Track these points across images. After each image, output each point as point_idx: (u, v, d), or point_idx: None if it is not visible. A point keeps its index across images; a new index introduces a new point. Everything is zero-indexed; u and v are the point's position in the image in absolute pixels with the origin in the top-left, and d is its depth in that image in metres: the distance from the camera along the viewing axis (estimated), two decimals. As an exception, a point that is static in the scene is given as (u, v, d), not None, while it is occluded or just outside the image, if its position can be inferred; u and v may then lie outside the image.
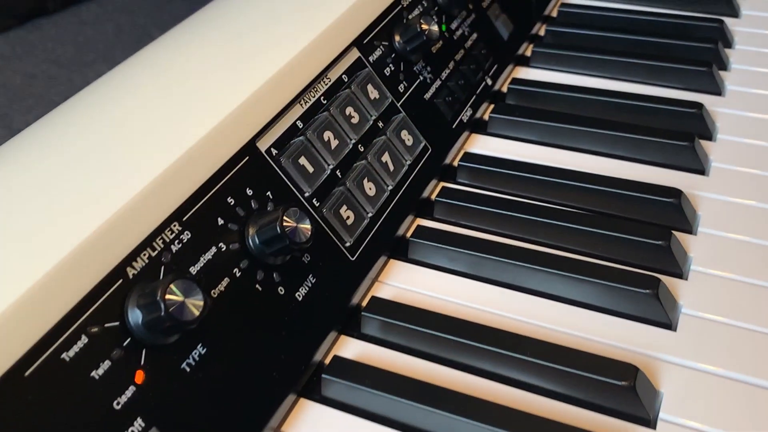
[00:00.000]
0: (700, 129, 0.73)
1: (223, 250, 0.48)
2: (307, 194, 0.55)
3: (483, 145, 0.74)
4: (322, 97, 0.60)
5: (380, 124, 0.64)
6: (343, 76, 0.62)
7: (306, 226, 0.49)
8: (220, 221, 0.49)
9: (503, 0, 0.84)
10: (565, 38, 0.88)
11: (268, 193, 0.52)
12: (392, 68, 0.67)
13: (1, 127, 1.19)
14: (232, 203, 0.50)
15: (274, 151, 0.54)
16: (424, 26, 0.67)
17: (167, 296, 0.42)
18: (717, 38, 0.85)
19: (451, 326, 0.53)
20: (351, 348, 0.54)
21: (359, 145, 0.61)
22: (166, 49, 0.59)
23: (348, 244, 0.57)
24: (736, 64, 0.84)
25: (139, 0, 1.45)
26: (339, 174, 0.58)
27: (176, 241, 0.46)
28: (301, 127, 0.57)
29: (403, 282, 0.59)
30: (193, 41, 0.60)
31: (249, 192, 0.51)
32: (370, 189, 0.60)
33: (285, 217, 0.49)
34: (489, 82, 0.78)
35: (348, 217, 0.57)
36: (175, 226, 0.46)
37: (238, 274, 0.49)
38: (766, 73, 0.82)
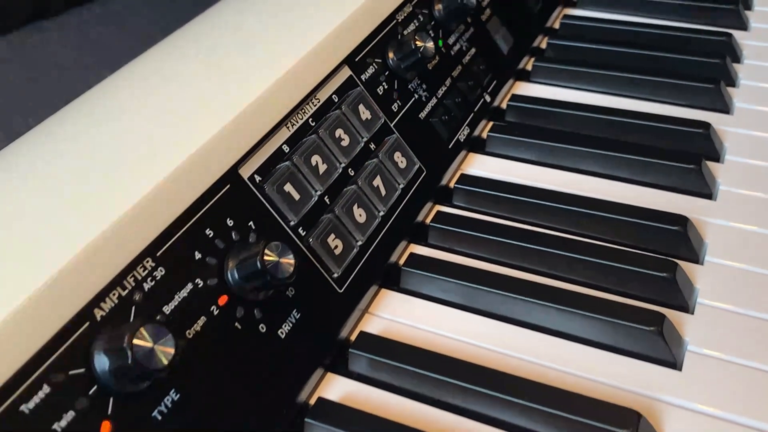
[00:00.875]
0: (707, 150, 0.70)
1: (200, 286, 0.45)
2: (292, 223, 0.52)
3: (481, 165, 0.71)
4: (310, 119, 0.57)
5: (372, 145, 0.61)
6: (334, 96, 0.59)
7: (289, 260, 0.46)
8: (198, 255, 0.46)
9: (503, 12, 0.81)
10: (567, 52, 0.85)
11: (251, 223, 0.50)
12: (385, 87, 0.64)
13: (0, 130, 1.17)
14: (210, 235, 0.47)
15: (257, 178, 0.51)
16: (419, 43, 0.64)
17: (135, 342, 0.39)
18: (725, 53, 0.82)
19: (443, 365, 0.50)
20: (337, 387, 0.51)
21: (349, 169, 0.58)
22: (146, 67, 0.57)
23: (336, 276, 0.54)
24: (745, 80, 0.81)
25: (142, 2, 1.43)
26: (327, 200, 0.55)
27: (149, 279, 0.43)
28: (287, 151, 0.54)
29: (394, 314, 0.56)
30: (174, 59, 0.57)
31: (229, 222, 0.48)
32: (360, 216, 0.57)
33: (266, 251, 0.46)
34: (488, 98, 0.75)
35: (336, 247, 0.54)
36: (148, 262, 0.44)
37: (215, 312, 0.46)
38: (776, 90, 0.79)
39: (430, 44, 0.65)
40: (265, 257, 0.46)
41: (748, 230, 0.62)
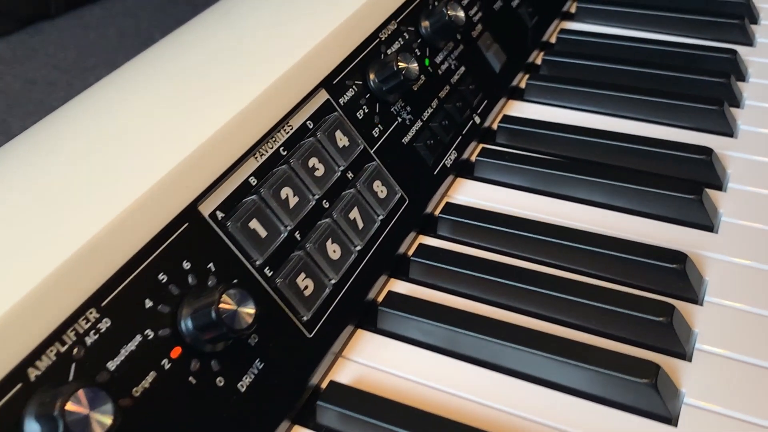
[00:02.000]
0: (708, 177, 0.66)
1: (150, 338, 0.42)
2: (258, 263, 0.48)
3: (468, 191, 0.67)
4: (281, 148, 0.53)
5: (349, 174, 0.57)
6: (308, 122, 0.56)
7: (248, 309, 0.43)
8: (149, 303, 0.42)
9: (495, 28, 0.77)
10: (563, 69, 0.81)
11: (210, 264, 0.46)
12: (366, 110, 0.60)
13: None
14: (164, 280, 0.43)
15: (219, 215, 0.47)
16: (402, 64, 0.60)
17: (68, 408, 0.35)
18: (729, 71, 0.78)
19: (418, 423, 0.46)
20: (304, 443, 0.47)
21: (323, 201, 0.54)
22: (105, 91, 0.53)
23: (305, 319, 0.50)
24: (750, 101, 0.77)
25: (142, 3, 1.40)
26: (298, 236, 0.51)
27: (92, 332, 0.40)
28: (254, 184, 0.50)
29: (369, 358, 0.52)
30: (139, 81, 0.53)
31: (186, 265, 0.45)
32: (334, 252, 0.53)
33: (223, 300, 0.42)
34: (477, 120, 0.72)
35: (306, 287, 0.50)
36: (91, 313, 0.40)
37: (167, 366, 0.42)
38: (783, 112, 0.75)
39: (414, 65, 0.61)
40: (221, 306, 0.42)
41: (751, 267, 0.58)
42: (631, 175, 0.64)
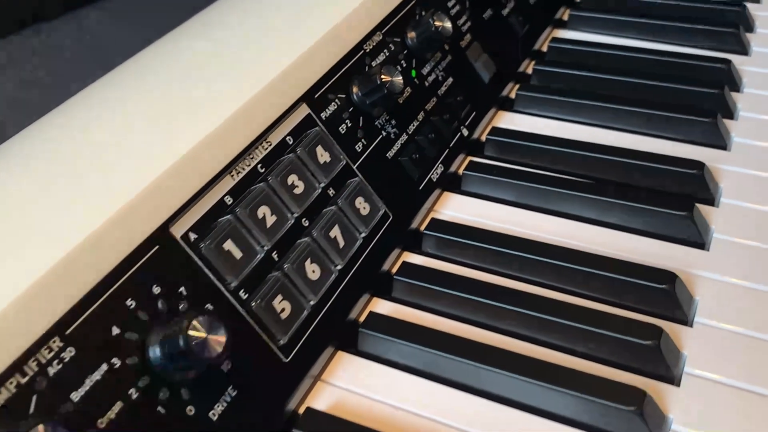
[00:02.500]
0: (700, 192, 0.64)
1: (116, 366, 0.40)
2: (232, 285, 0.47)
3: (455, 206, 0.65)
4: (259, 165, 0.51)
5: (331, 191, 0.55)
6: (288, 138, 0.54)
7: (218, 337, 0.41)
8: (116, 331, 0.41)
9: (485, 38, 0.76)
10: (554, 79, 0.80)
11: (182, 289, 0.44)
12: (349, 124, 0.59)
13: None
14: (132, 306, 0.42)
15: (192, 236, 0.46)
16: (385, 77, 0.59)
17: (26, 445, 0.34)
18: (723, 82, 0.76)
19: (395, 451, 0.44)
20: (279, 472, 0.46)
21: (303, 219, 0.53)
22: (77, 107, 0.52)
23: (282, 343, 0.48)
24: (745, 112, 0.75)
25: (140, 6, 1.39)
26: (275, 257, 0.50)
27: (55, 362, 0.38)
28: (230, 203, 0.49)
29: (349, 382, 0.51)
30: (106, 99, 0.52)
31: (156, 290, 0.43)
32: (313, 272, 0.52)
33: (192, 327, 0.41)
34: (465, 132, 0.70)
35: (283, 310, 0.49)
36: (54, 342, 0.38)
37: (134, 396, 0.40)
38: (777, 124, 0.73)
39: (398, 79, 0.59)
40: (191, 334, 0.40)
41: (743, 286, 0.56)
42: (621, 191, 0.63)
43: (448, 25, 0.66)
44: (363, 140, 0.60)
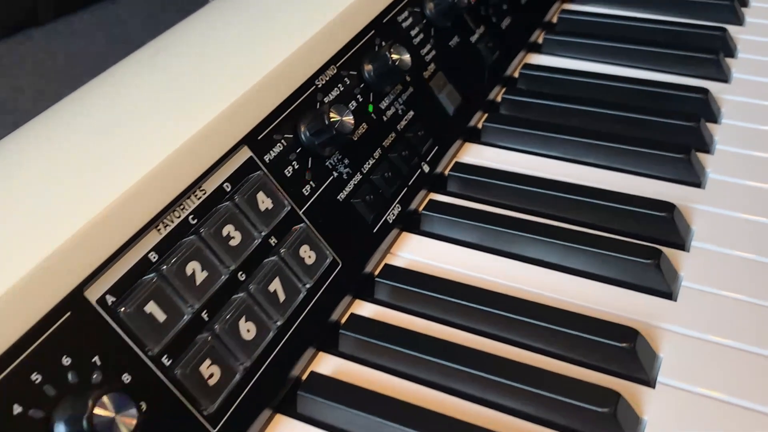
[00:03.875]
0: (670, 236, 0.61)
1: (14, 451, 0.37)
2: (154, 352, 0.44)
3: (412, 248, 0.62)
4: (191, 217, 0.48)
5: (272, 240, 0.52)
6: (225, 184, 0.51)
7: (128, 418, 0.38)
8: (17, 409, 0.37)
9: (450, 67, 0.73)
10: (523, 109, 0.76)
11: (96, 358, 0.41)
12: (296, 167, 0.56)
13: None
14: (38, 381, 0.39)
15: (109, 300, 0.43)
16: (334, 117, 0.55)
17: None
18: (699, 114, 0.73)
19: None
20: None
21: (239, 274, 0.49)
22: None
23: (209, 412, 0.45)
24: (722, 145, 0.72)
25: (131, 10, 1.36)
26: (206, 316, 0.47)
27: (-59, 450, 0.35)
28: (155, 260, 0.45)
29: (285, 450, 0.48)
30: (25, 145, 0.49)
31: (66, 361, 0.40)
32: (248, 331, 0.48)
33: (100, 405, 0.37)
34: (426, 169, 0.67)
35: (211, 375, 0.45)
36: (-59, 427, 0.35)
37: (34, 482, 0.37)
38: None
39: (348, 118, 0.56)
40: (96, 413, 0.37)
41: (709, 341, 0.53)
42: (586, 236, 0.60)
43: (407, 57, 0.63)
44: (311, 183, 0.56)
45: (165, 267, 0.45)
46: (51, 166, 0.46)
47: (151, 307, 0.44)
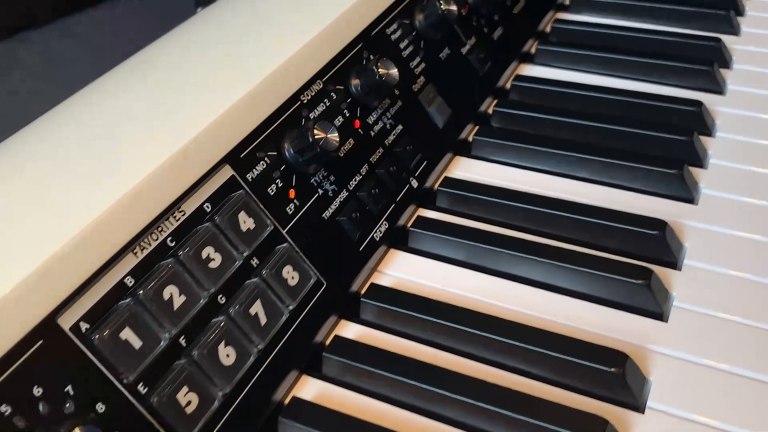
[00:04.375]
0: (662, 254, 0.60)
1: (-20, 488, 0.36)
2: (129, 379, 0.42)
3: (399, 266, 0.61)
4: (169, 239, 0.47)
5: (254, 261, 0.51)
6: (206, 204, 0.50)
7: (98, 452, 0.37)
8: (-17, 444, 0.36)
9: (440, 79, 0.72)
10: (514, 122, 0.75)
11: (68, 388, 0.40)
12: (280, 185, 0.54)
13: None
14: (7, 413, 0.37)
15: (83, 327, 0.42)
16: (318, 134, 0.54)
17: None
18: (693, 127, 0.72)
19: None
20: None
21: (219, 297, 0.48)
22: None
23: (185, 441, 0.44)
24: (716, 159, 0.71)
25: (129, 14, 1.35)
26: (183, 342, 0.46)
27: None
28: (131, 285, 0.44)
29: (265, 477, 0.47)
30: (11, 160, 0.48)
31: (38, 391, 0.39)
32: (227, 356, 0.47)
33: (70, 441, 0.36)
34: (415, 184, 0.66)
35: (189, 403, 0.44)
36: None
37: None
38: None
39: (333, 135, 0.55)
40: (67, 450, 0.36)
41: (698, 363, 0.52)
42: (575, 255, 0.58)
43: (394, 72, 0.62)
44: (295, 201, 0.55)
45: (141, 292, 0.44)
46: (25, 186, 0.45)
47: (127, 334, 0.43)
